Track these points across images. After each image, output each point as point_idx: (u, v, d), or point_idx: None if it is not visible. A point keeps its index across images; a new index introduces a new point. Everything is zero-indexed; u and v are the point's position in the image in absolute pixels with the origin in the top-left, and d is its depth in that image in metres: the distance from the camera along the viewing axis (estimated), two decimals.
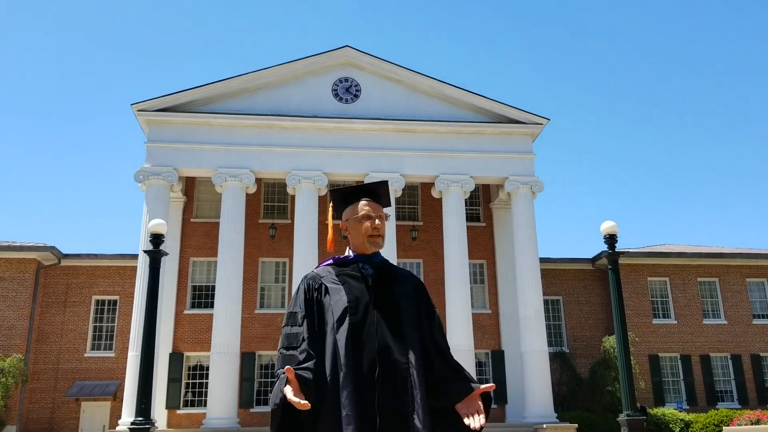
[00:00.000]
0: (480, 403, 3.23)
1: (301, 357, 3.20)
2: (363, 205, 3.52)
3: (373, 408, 3.12)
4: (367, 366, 3.19)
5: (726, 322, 33.64)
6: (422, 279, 31.59)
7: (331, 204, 3.68)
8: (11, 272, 30.16)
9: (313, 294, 3.39)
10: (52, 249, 30.33)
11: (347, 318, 3.27)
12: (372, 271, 3.47)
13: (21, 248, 30.13)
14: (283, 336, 3.35)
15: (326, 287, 3.40)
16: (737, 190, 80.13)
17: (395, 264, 4.44)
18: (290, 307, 3.44)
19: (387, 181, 3.68)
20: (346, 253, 3.56)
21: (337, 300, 3.34)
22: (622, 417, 15.53)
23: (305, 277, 3.50)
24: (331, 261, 3.55)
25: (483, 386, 3.23)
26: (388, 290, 3.43)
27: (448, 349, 3.50)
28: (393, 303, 3.39)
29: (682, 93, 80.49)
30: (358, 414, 3.11)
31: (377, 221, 3.48)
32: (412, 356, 3.29)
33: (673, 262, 34.09)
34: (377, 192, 3.60)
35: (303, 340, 3.26)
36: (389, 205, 3.71)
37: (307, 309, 3.35)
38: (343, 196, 3.62)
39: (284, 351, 3.29)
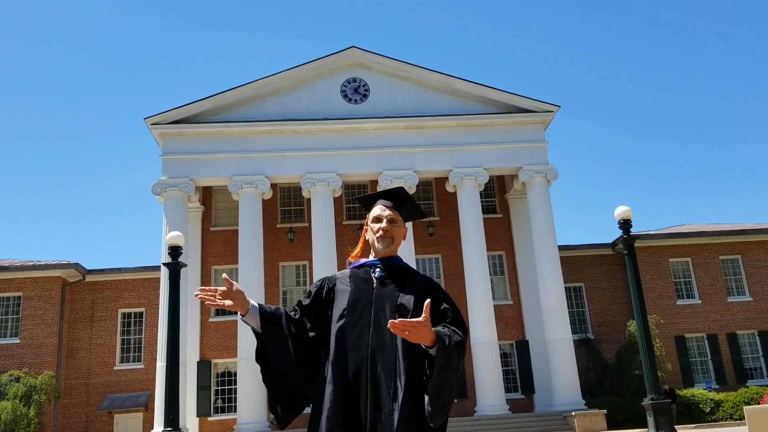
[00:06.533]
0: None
1: (281, 309, 3.58)
2: (375, 209, 3.71)
3: (358, 405, 3.27)
4: (355, 365, 3.34)
5: (751, 299, 33.31)
6: (441, 274, 31.68)
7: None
8: (37, 291, 30.68)
9: (324, 291, 3.63)
10: (77, 266, 30.80)
11: (344, 317, 3.46)
12: (382, 274, 3.58)
13: (46, 267, 30.64)
14: None
15: (336, 289, 3.61)
16: (758, 164, 79.13)
17: (412, 265, 4.64)
18: None
19: (402, 187, 3.83)
20: (369, 257, 3.71)
21: (340, 301, 3.54)
22: (646, 401, 15.53)
23: (325, 277, 3.75)
24: (354, 264, 3.73)
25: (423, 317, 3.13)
26: (391, 292, 3.52)
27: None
28: (392, 305, 3.48)
29: (695, 70, 79.70)
30: (339, 409, 3.27)
31: (385, 223, 3.62)
32: (401, 357, 3.35)
33: (694, 242, 33.82)
34: (392, 196, 3.75)
35: (295, 308, 3.61)
36: (414, 211, 3.80)
37: (312, 297, 3.64)
38: (365, 202, 3.83)
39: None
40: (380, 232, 3.61)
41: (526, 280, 31.67)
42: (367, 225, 3.74)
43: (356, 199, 3.94)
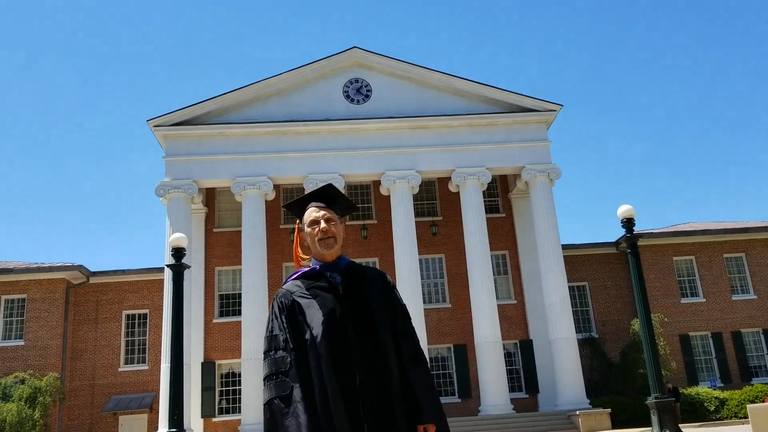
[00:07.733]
0: None
1: (295, 384, 3.25)
2: (309, 212, 3.52)
3: (360, 416, 3.19)
4: (348, 376, 3.25)
5: (756, 297, 33.24)
6: (445, 274, 31.69)
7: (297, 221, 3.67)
8: (42, 293, 30.78)
9: (286, 312, 3.40)
10: (81, 268, 30.87)
11: (326, 332, 3.30)
12: (341, 279, 3.47)
13: (50, 269, 30.72)
14: (269, 362, 3.36)
15: (299, 304, 3.41)
16: (761, 162, 78.98)
17: (416, 266, 4.53)
18: (268, 329, 3.44)
19: (331, 184, 3.65)
20: (312, 264, 3.55)
21: (312, 315, 3.35)
22: (650, 400, 15.52)
23: (276, 295, 3.50)
24: (299, 274, 3.55)
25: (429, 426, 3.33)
26: (360, 296, 3.45)
27: (412, 348, 3.50)
28: (365, 308, 3.42)
29: (697, 69, 79.56)
30: (349, 423, 3.19)
31: (323, 224, 3.46)
32: (388, 359, 3.36)
33: (697, 240, 33.75)
34: (323, 195, 3.59)
35: (290, 364, 3.30)
36: (346, 205, 3.67)
37: (286, 330, 3.37)
38: (294, 208, 3.63)
39: (274, 378, 3.32)
40: (320, 234, 3.44)
41: (530, 279, 31.65)
42: (299, 232, 3.59)
43: (285, 207, 3.71)
